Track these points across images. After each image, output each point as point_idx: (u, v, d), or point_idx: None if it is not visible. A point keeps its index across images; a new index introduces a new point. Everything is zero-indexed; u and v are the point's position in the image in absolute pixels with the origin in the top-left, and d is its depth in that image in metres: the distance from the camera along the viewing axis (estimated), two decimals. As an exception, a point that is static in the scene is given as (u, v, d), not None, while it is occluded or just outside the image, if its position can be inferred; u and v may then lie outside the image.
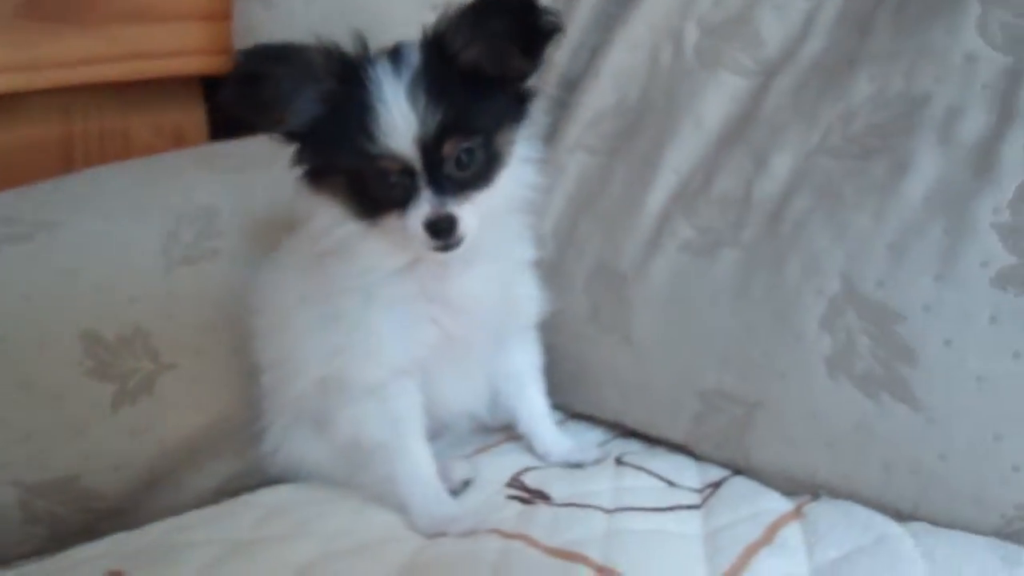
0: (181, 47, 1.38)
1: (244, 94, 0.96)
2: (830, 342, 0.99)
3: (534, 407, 1.20)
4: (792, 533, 0.94)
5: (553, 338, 1.23)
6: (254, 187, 1.25)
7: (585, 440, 1.23)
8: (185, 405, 1.14)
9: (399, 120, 0.96)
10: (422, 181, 0.98)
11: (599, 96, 1.28)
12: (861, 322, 0.97)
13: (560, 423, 1.26)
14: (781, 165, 1.08)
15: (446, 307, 1.07)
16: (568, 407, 1.29)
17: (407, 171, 0.98)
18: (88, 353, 1.08)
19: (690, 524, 0.98)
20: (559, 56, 1.34)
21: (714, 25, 1.20)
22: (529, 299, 1.16)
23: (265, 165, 1.24)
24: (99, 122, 1.40)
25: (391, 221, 0.99)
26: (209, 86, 1.51)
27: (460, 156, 0.99)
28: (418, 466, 1.07)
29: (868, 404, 0.96)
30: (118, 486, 1.09)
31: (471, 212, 0.99)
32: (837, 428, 0.99)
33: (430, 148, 0.97)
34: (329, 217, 1.03)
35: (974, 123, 0.95)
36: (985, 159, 0.93)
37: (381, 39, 1.32)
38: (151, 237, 1.17)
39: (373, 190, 0.99)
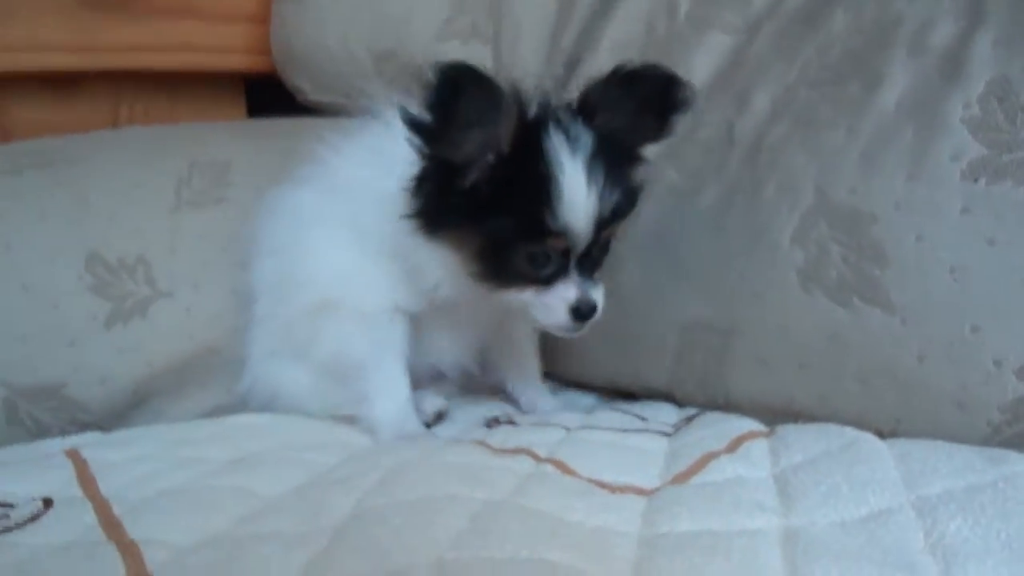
0: (225, 44, 1.50)
1: (442, 98, 0.87)
2: (802, 255, 0.97)
3: (525, 366, 1.19)
4: (758, 446, 0.88)
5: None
6: (270, 152, 1.30)
7: (575, 404, 1.20)
8: (176, 332, 1.18)
9: (581, 199, 0.91)
10: (573, 263, 0.96)
11: (598, 67, 1.31)
12: (832, 231, 0.95)
13: (553, 392, 1.23)
14: (762, 102, 1.09)
15: None
16: (562, 375, 1.27)
17: (565, 252, 0.95)
18: (90, 271, 1.14)
19: (655, 443, 0.94)
20: (565, 39, 1.40)
21: (706, -9, 1.24)
22: None
23: (282, 137, 1.32)
24: (145, 111, 1.51)
25: (524, 295, 0.97)
26: (250, 85, 1.63)
27: (609, 239, 0.98)
28: (392, 385, 1.06)
29: (841, 313, 0.93)
30: (102, 400, 1.11)
31: (601, 292, 0.98)
32: (811, 344, 0.95)
33: (599, 231, 0.95)
34: (443, 270, 0.99)
35: (944, 32, 0.96)
36: (955, 62, 0.93)
37: (404, 38, 1.43)
38: (164, 178, 1.24)
39: (519, 264, 0.96)
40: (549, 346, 1.22)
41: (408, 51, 1.42)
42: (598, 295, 0.97)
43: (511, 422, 1.05)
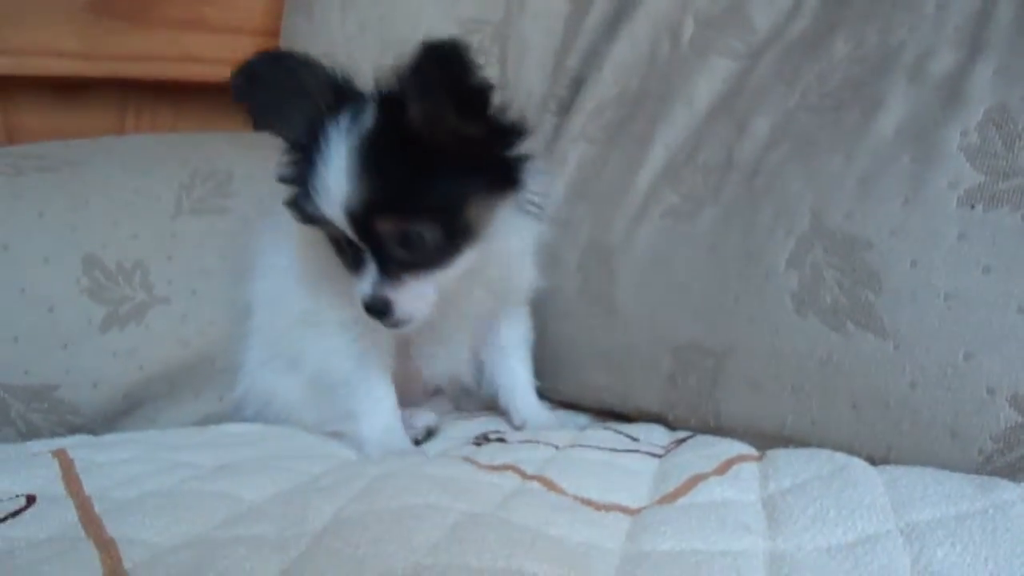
0: (233, 57, 1.50)
1: (244, 86, 0.98)
2: (797, 279, 0.96)
3: (516, 379, 1.19)
4: (748, 469, 0.87)
5: (543, 322, 1.23)
6: (272, 164, 1.30)
7: (568, 421, 1.19)
8: (171, 338, 1.17)
9: (331, 185, 0.92)
10: (368, 255, 0.94)
11: (602, 88, 1.33)
12: (827, 256, 0.94)
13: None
14: (761, 126, 1.09)
15: None
16: (554, 393, 1.26)
17: (351, 242, 0.95)
18: (87, 274, 1.13)
19: (644, 464, 0.94)
20: (571, 60, 1.41)
21: (710, 17, 1.25)
22: (523, 279, 1.17)
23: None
24: (151, 120, 1.53)
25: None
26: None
27: (407, 237, 0.93)
28: (377, 401, 1.07)
29: (834, 337, 0.92)
30: (94, 403, 1.11)
31: (418, 294, 0.95)
32: (804, 368, 0.94)
33: (362, 224, 0.92)
34: (318, 248, 1.03)
35: (944, 61, 0.96)
36: (954, 89, 0.93)
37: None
38: (165, 185, 1.24)
39: (337, 252, 0.99)
40: (544, 366, 1.22)
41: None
42: (398, 293, 0.94)
43: (501, 439, 1.04)
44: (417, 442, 1.08)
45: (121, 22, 1.44)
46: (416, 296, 0.95)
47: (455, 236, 0.96)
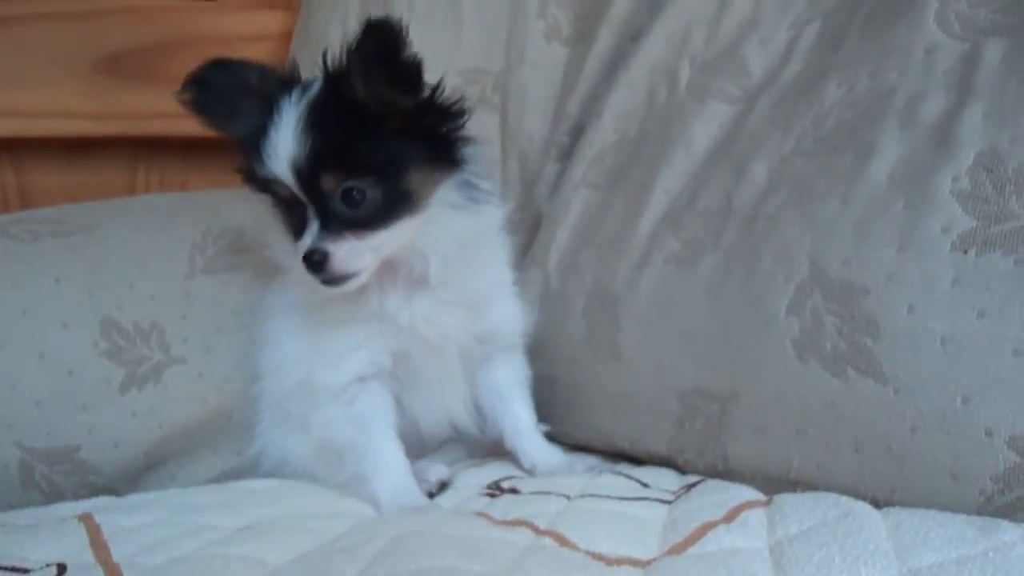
0: (239, 111, 1.55)
1: (195, 95, 1.07)
2: (798, 325, 0.99)
3: (519, 422, 1.20)
4: (755, 516, 0.89)
5: (551, 368, 1.26)
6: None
7: (578, 462, 1.20)
8: (188, 396, 1.20)
9: (280, 146, 1.01)
10: (311, 214, 1.02)
11: (602, 135, 1.36)
12: (826, 302, 0.97)
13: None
14: (759, 172, 1.12)
15: (400, 330, 1.11)
16: (565, 436, 1.28)
17: (297, 200, 1.02)
18: (105, 337, 1.16)
19: (654, 511, 0.96)
20: (571, 106, 1.43)
21: (706, 62, 1.28)
22: (507, 322, 1.19)
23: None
24: (161, 176, 1.56)
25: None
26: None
27: (349, 193, 1.01)
28: (387, 461, 1.08)
29: (835, 383, 0.94)
30: (115, 463, 1.14)
31: (356, 251, 1.01)
32: (808, 413, 0.97)
33: (307, 179, 1.01)
34: (274, 231, 1.11)
35: (935, 105, 0.98)
36: (944, 134, 0.95)
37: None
38: (178, 245, 1.28)
39: (283, 215, 1.07)
40: (554, 410, 1.24)
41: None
42: (337, 247, 1.00)
43: (513, 490, 1.06)
44: (431, 495, 1.09)
45: (128, 81, 1.47)
46: (353, 252, 1.02)
47: (395, 200, 1.03)
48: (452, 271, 1.10)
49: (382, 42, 0.96)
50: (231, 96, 1.07)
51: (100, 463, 1.13)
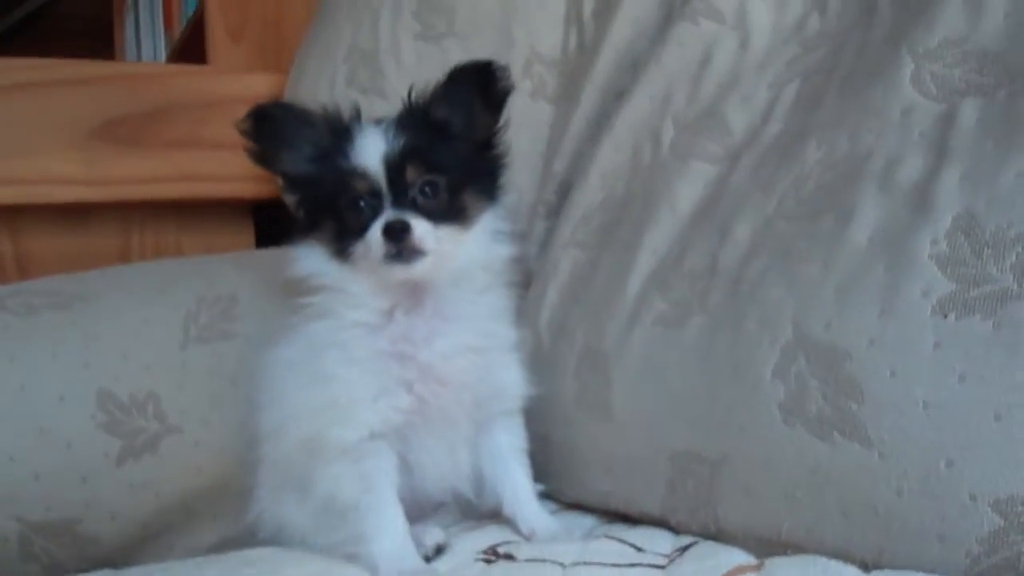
0: (231, 173, 1.57)
1: (256, 128, 1.14)
2: (783, 389, 0.99)
3: (518, 489, 1.20)
4: (748, 579, 0.91)
5: (545, 428, 1.26)
6: (273, 284, 1.35)
7: (575, 526, 1.22)
8: (186, 467, 1.21)
9: (370, 144, 1.11)
10: (387, 201, 1.09)
11: (588, 194, 1.37)
12: (810, 366, 0.98)
13: (553, 513, 1.24)
14: (742, 233, 1.13)
15: (420, 372, 1.12)
16: (560, 495, 1.29)
17: (375, 192, 1.10)
18: (102, 409, 1.18)
19: (648, 576, 0.96)
20: (557, 164, 1.45)
21: (688, 121, 1.29)
22: (512, 383, 1.20)
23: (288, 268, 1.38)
24: (155, 238, 1.58)
25: (360, 250, 1.10)
26: (257, 212, 1.68)
27: (425, 185, 1.11)
28: (388, 523, 1.09)
29: (821, 447, 0.95)
30: (114, 535, 1.15)
31: (432, 232, 1.09)
32: (794, 476, 0.97)
33: (394, 168, 1.10)
34: (314, 259, 1.15)
35: (912, 168, 0.99)
36: (922, 197, 0.96)
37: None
38: (172, 315, 1.29)
39: (347, 218, 1.11)
40: (548, 469, 1.25)
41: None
42: (418, 222, 1.08)
43: (509, 555, 1.07)
44: (427, 559, 1.10)
45: (122, 146, 1.50)
46: (430, 230, 1.09)
47: (456, 206, 1.14)
48: (475, 308, 1.16)
49: (483, 71, 1.13)
50: (290, 130, 1.16)
51: (99, 535, 1.14)
